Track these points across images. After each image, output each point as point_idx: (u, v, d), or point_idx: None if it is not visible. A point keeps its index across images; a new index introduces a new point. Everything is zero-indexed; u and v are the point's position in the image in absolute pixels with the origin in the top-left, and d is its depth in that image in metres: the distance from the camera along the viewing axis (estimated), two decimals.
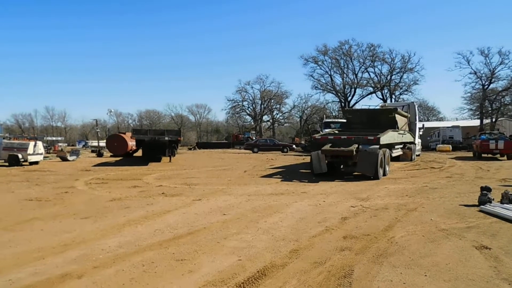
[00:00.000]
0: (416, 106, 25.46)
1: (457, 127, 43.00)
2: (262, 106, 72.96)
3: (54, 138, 45.07)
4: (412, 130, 22.18)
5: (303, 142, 53.50)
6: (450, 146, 36.39)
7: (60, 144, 39.74)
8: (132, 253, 5.06)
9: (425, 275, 4.23)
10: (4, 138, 22.83)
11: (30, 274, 4.31)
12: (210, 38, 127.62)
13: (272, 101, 71.87)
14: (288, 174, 15.85)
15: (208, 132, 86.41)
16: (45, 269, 4.48)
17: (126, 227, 6.54)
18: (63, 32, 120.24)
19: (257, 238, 5.80)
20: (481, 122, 50.16)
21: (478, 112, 54.68)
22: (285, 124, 78.86)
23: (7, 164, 19.86)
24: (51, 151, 32.42)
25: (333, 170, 15.11)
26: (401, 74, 59.69)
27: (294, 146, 39.41)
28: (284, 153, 34.49)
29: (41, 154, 21.78)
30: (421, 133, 25.60)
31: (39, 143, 21.63)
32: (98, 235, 6.05)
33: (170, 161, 23.22)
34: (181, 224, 6.73)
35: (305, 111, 72.95)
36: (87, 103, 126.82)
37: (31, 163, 20.44)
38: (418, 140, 24.32)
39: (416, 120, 23.76)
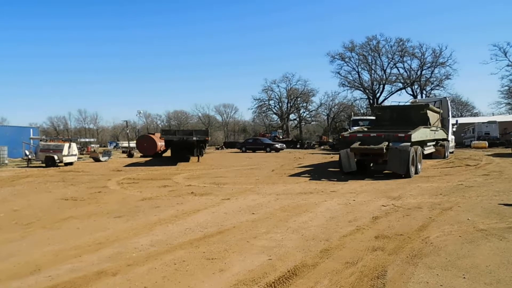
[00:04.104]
0: (448, 102, 24.58)
1: (494, 122, 41.13)
2: (289, 105, 72.77)
3: (87, 140, 46.71)
4: (445, 127, 21.44)
5: (330, 140, 52.86)
6: (486, 142, 34.82)
7: (92, 145, 41.15)
8: (164, 252, 5.15)
9: (464, 277, 4.05)
10: (41, 140, 23.88)
11: (68, 271, 4.46)
12: (236, 37, 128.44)
13: (299, 99, 71.51)
14: (317, 173, 15.68)
15: (235, 131, 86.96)
16: (82, 266, 4.63)
17: (158, 226, 6.66)
18: (91, 33, 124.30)
19: (287, 238, 5.76)
20: None
21: None
22: (312, 123, 78.25)
23: (44, 165, 20.79)
24: (84, 152, 33.63)
25: (363, 169, 14.81)
26: (432, 68, 58.03)
27: (278, 145, 38.57)
28: (267, 152, 35.81)
29: (75, 155, 22.64)
30: (454, 129, 24.72)
31: (73, 145, 22.50)
32: (130, 233, 6.20)
33: (198, 160, 23.54)
34: (211, 223, 6.78)
35: (333, 109, 72.14)
36: (117, 104, 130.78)
37: (66, 164, 21.29)
38: (451, 137, 23.49)
39: (449, 116, 22.93)
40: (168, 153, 25.89)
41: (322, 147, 47.09)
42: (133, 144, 34.66)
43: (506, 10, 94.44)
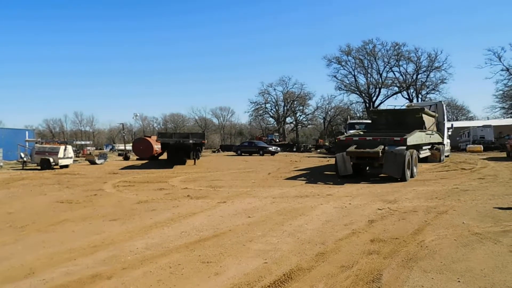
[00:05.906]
0: (444, 105, 24.76)
1: (489, 126, 41.38)
2: (285, 108, 72.83)
3: (83, 142, 46.46)
4: (440, 130, 21.57)
5: (327, 143, 52.91)
6: (482, 146, 35.02)
7: (88, 148, 40.89)
8: (159, 255, 5.13)
9: (459, 281, 4.07)
10: (36, 143, 23.73)
11: (63, 274, 4.44)
12: (233, 40, 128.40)
13: (295, 102, 71.59)
14: (313, 176, 15.71)
15: (232, 134, 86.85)
16: (76, 269, 4.61)
17: (153, 229, 6.64)
18: (87, 35, 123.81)
19: (283, 241, 5.76)
20: None
21: (511, 111, 52.61)
22: (308, 126, 78.33)
23: (39, 167, 20.66)
24: (80, 154, 33.42)
25: (359, 172, 14.84)
26: (428, 72, 58.34)
27: (272, 149, 38.87)
28: (261, 155, 36.57)
29: (71, 157, 22.52)
30: (450, 133, 24.85)
31: (69, 147, 22.38)
32: (126, 237, 6.17)
33: (194, 163, 23.49)
34: (206, 227, 6.77)
35: (329, 112, 72.29)
36: (114, 107, 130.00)
37: (62, 167, 21.17)
38: (447, 141, 23.63)
39: (444, 120, 23.08)
40: (164, 156, 25.81)
41: (319, 150, 47.07)
42: (129, 147, 34.53)
43: (500, 14, 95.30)
